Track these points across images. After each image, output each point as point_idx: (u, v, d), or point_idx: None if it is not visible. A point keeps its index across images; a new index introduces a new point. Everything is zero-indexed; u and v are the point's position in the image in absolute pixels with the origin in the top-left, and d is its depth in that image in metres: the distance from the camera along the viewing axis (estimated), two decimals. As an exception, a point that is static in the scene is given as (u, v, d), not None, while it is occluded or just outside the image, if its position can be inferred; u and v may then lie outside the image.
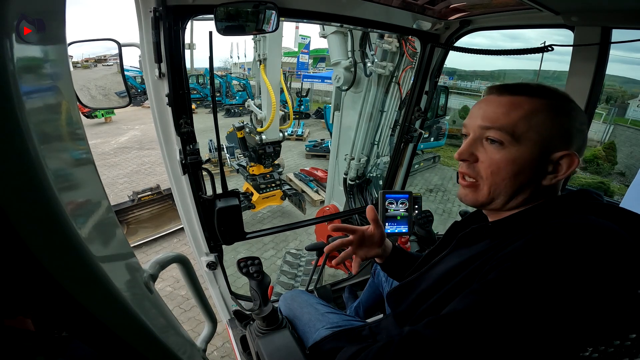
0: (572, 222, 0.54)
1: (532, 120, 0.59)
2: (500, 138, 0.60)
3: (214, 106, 1.30)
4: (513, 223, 0.63)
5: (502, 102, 0.61)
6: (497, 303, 0.50)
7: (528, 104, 0.60)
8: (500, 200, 0.64)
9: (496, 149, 0.61)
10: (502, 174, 0.61)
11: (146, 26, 1.04)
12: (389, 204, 1.73)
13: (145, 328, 0.43)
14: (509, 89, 0.62)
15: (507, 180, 0.61)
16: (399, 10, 1.39)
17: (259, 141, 4.13)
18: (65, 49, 0.37)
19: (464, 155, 0.65)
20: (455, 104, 13.70)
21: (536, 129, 0.59)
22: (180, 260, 0.70)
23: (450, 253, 0.72)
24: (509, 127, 0.59)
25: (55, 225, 0.28)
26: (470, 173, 0.65)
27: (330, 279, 2.81)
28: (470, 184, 0.66)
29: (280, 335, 1.09)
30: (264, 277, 1.19)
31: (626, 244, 0.50)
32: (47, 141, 0.29)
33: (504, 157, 0.60)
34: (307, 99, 12.29)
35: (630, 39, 0.95)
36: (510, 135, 0.59)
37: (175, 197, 1.36)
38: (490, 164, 0.62)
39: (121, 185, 6.01)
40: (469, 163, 0.65)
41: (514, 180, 0.61)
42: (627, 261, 0.49)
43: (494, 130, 0.60)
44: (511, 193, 0.62)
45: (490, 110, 0.62)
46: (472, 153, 0.64)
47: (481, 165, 0.63)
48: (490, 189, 0.63)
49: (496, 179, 0.62)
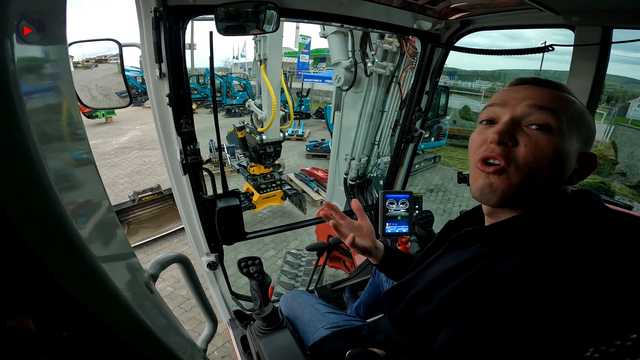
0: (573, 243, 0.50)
1: (577, 116, 0.57)
2: (551, 123, 0.54)
3: (215, 106, 1.30)
4: (509, 229, 0.59)
5: (547, 90, 0.58)
6: (492, 337, 0.48)
7: (570, 98, 0.58)
8: (527, 195, 0.56)
9: (543, 134, 0.54)
10: (545, 162, 0.54)
11: (147, 26, 1.04)
12: (389, 204, 1.73)
13: (145, 328, 0.43)
14: (549, 83, 0.60)
15: (544, 172, 0.54)
16: (400, 10, 1.39)
17: (260, 141, 4.13)
18: (66, 49, 0.37)
19: (504, 135, 0.56)
20: (456, 104, 13.70)
21: (579, 125, 0.57)
22: (181, 260, 0.70)
23: (443, 254, 0.70)
24: (561, 114, 0.55)
25: (56, 225, 0.28)
26: (505, 156, 0.55)
27: (330, 279, 2.81)
28: (498, 168, 0.56)
29: (281, 335, 1.09)
30: (264, 277, 1.19)
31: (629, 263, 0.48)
32: (47, 141, 0.29)
33: (552, 144, 0.54)
34: (308, 99, 12.29)
35: (631, 38, 0.95)
36: (562, 123, 0.54)
37: (175, 197, 1.36)
38: (535, 148, 0.54)
39: (122, 185, 6.02)
40: (504, 147, 0.56)
41: (550, 173, 0.54)
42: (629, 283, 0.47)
43: (547, 112, 0.55)
44: (539, 188, 0.56)
45: (540, 94, 0.57)
46: (513, 135, 0.56)
47: (523, 149, 0.55)
48: (524, 178, 0.55)
49: (536, 167, 0.54)
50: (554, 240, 0.52)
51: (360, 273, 2.09)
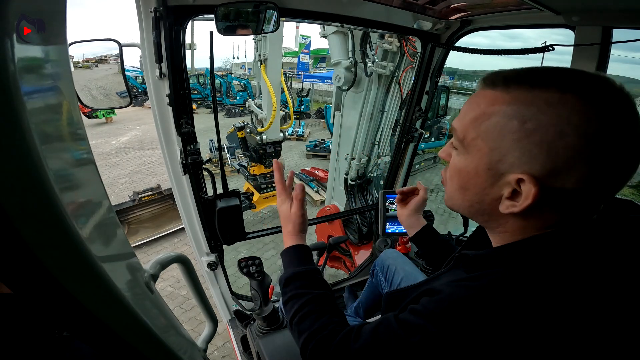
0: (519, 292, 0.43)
1: (483, 124, 0.46)
2: (454, 143, 0.52)
3: (215, 106, 1.30)
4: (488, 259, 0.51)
5: (476, 98, 0.49)
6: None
7: (489, 101, 0.46)
8: (460, 210, 0.57)
9: (455, 153, 0.53)
10: (454, 183, 0.54)
11: (147, 26, 1.04)
12: (389, 204, 1.73)
13: (146, 328, 0.43)
14: (491, 80, 0.47)
15: (457, 192, 0.54)
16: (400, 10, 1.39)
17: (260, 141, 4.13)
18: (66, 49, 0.37)
19: (442, 154, 0.59)
20: (456, 104, 13.66)
21: (485, 136, 0.46)
22: (181, 260, 0.70)
23: (446, 272, 0.65)
24: (461, 131, 0.50)
25: (56, 225, 0.29)
26: (443, 173, 0.60)
27: (330, 279, 2.80)
28: (443, 182, 0.60)
29: (281, 335, 1.09)
30: (264, 277, 1.19)
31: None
32: (48, 141, 0.29)
33: (454, 164, 0.53)
34: (308, 99, 12.30)
35: (631, 38, 0.95)
36: (460, 141, 0.50)
37: (176, 197, 1.36)
38: (449, 168, 0.56)
39: (122, 185, 6.02)
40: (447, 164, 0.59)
41: (462, 194, 0.53)
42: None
43: (454, 131, 0.52)
44: (464, 208, 0.55)
45: (464, 108, 0.51)
46: (450, 153, 0.56)
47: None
48: (448, 194, 0.57)
49: (450, 187, 0.55)
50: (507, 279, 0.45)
51: (360, 273, 2.08)
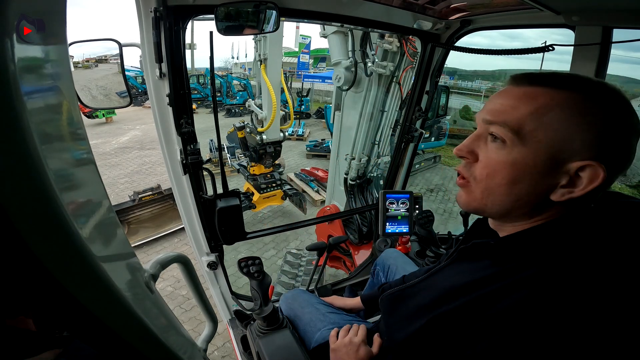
0: (585, 275, 0.44)
1: (544, 117, 0.48)
2: (502, 135, 0.50)
3: (215, 106, 1.30)
4: (517, 245, 0.53)
5: (515, 93, 0.51)
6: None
7: (544, 96, 0.49)
8: (495, 209, 0.54)
9: (497, 148, 0.51)
10: (498, 178, 0.51)
11: (147, 26, 1.04)
12: (389, 204, 1.73)
13: (146, 328, 0.43)
14: (529, 78, 0.51)
15: (503, 187, 0.51)
16: (400, 10, 1.39)
17: (260, 141, 4.13)
18: (66, 49, 0.37)
19: (462, 151, 0.56)
20: (456, 103, 13.68)
21: (547, 128, 0.48)
22: (181, 260, 0.70)
23: (449, 265, 0.65)
24: (514, 123, 0.49)
25: (56, 225, 0.28)
26: (464, 172, 0.56)
27: (330, 279, 2.81)
28: (463, 183, 0.57)
29: (281, 335, 1.09)
30: (264, 277, 1.18)
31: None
32: (48, 141, 0.29)
33: (503, 159, 0.51)
34: (308, 98, 12.30)
35: (631, 38, 0.95)
36: (515, 134, 0.49)
37: (176, 197, 1.36)
38: (486, 164, 0.53)
39: (122, 185, 6.02)
40: (466, 162, 0.56)
41: (510, 188, 0.51)
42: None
43: (496, 126, 0.51)
44: (507, 203, 0.52)
45: (499, 103, 0.52)
46: (473, 151, 0.55)
47: (479, 164, 0.54)
48: (483, 193, 0.54)
49: (490, 184, 0.52)
50: (560, 270, 0.46)
51: (360, 273, 2.09)
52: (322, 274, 2.11)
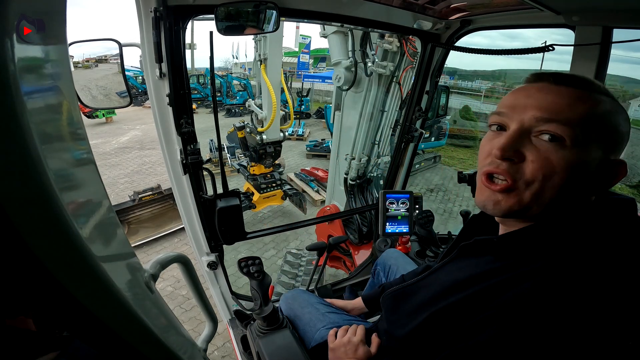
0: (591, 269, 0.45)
1: (604, 119, 0.49)
2: (563, 134, 0.47)
3: (215, 106, 1.30)
4: (521, 242, 0.53)
5: (563, 92, 0.50)
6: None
7: (592, 99, 0.49)
8: (534, 212, 0.52)
9: (555, 147, 0.48)
10: (556, 179, 0.48)
11: (147, 26, 1.04)
12: (389, 204, 1.73)
13: (146, 328, 0.43)
14: (568, 80, 0.51)
15: (556, 189, 0.49)
16: (400, 10, 1.39)
17: (260, 141, 4.13)
18: (66, 49, 0.37)
19: (508, 151, 0.50)
20: (456, 103, 13.68)
21: (607, 129, 0.49)
22: (181, 260, 0.70)
23: (451, 262, 0.65)
24: (576, 123, 0.47)
25: (57, 225, 0.28)
26: (511, 174, 0.51)
27: (330, 278, 2.81)
28: (505, 186, 0.51)
29: (281, 335, 1.09)
30: (264, 276, 1.18)
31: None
32: (48, 141, 0.29)
33: (564, 159, 0.48)
34: (308, 98, 12.30)
35: (631, 38, 0.95)
36: (576, 133, 0.47)
37: (176, 197, 1.36)
38: (543, 165, 0.48)
39: (122, 185, 6.02)
40: (510, 163, 0.51)
41: (564, 190, 0.49)
42: None
43: (556, 124, 0.48)
44: (550, 205, 0.50)
45: (551, 100, 0.50)
46: (518, 150, 0.50)
47: (530, 165, 0.49)
48: (534, 195, 0.50)
49: (546, 185, 0.49)
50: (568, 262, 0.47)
51: (360, 273, 2.09)
52: (322, 274, 2.11)
